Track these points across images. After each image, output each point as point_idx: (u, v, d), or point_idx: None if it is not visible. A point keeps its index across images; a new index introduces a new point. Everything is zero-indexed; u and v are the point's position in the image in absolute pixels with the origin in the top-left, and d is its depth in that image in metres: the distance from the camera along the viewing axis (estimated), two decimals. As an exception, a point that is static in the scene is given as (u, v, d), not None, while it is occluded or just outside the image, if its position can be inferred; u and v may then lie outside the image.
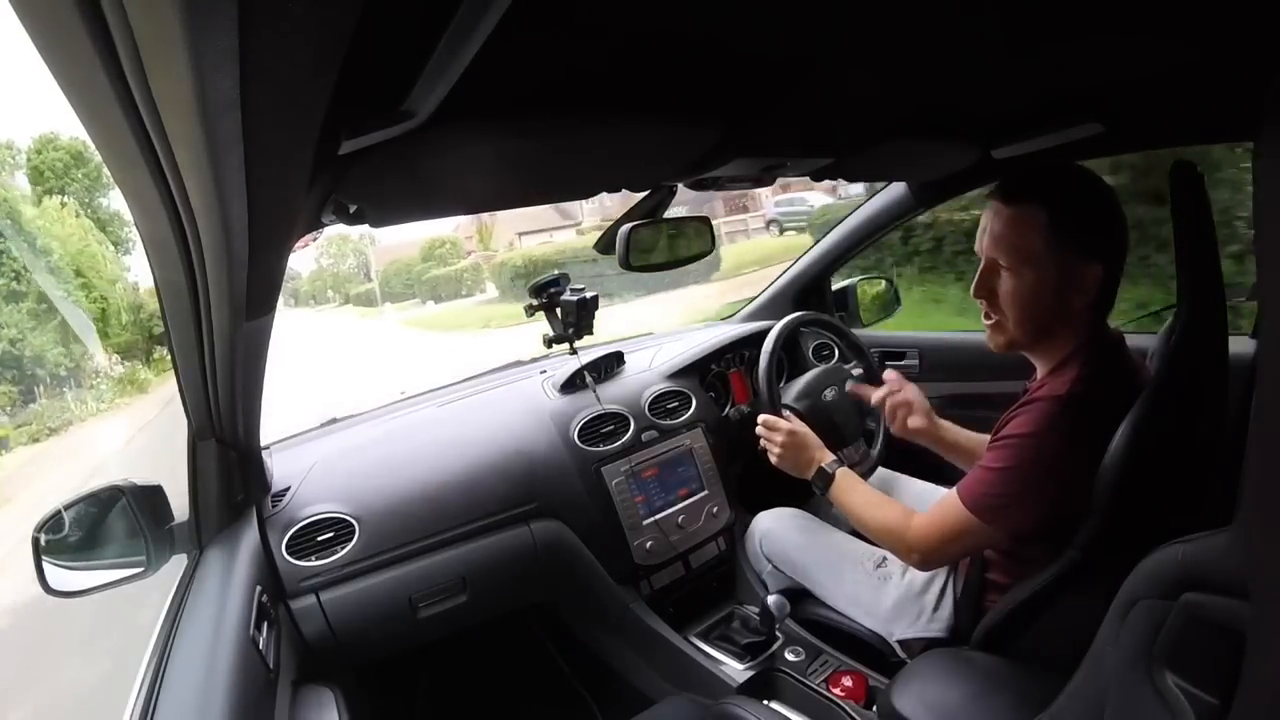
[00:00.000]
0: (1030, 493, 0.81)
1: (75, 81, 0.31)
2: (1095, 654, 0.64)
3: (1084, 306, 0.84)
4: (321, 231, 0.74)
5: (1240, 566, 0.46)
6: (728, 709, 0.96)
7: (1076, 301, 0.83)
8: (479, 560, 1.17)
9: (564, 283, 1.27)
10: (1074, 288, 0.83)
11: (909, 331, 1.78)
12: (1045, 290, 0.84)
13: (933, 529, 0.91)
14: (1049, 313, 0.85)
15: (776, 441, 1.16)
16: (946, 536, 0.90)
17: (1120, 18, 0.60)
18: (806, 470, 1.12)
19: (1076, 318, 0.85)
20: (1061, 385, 0.82)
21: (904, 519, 0.95)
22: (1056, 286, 0.83)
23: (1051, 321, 0.86)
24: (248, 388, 0.80)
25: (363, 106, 0.47)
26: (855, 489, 1.05)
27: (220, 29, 0.25)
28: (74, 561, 0.81)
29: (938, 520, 0.91)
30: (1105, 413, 0.79)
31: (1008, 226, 0.85)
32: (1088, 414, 0.79)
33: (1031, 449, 0.81)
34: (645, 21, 0.50)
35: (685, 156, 0.80)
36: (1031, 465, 0.81)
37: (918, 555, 0.93)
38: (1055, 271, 0.83)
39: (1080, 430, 0.79)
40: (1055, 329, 0.87)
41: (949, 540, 0.90)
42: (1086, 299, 0.83)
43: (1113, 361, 0.86)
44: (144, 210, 0.44)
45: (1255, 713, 0.43)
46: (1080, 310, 0.85)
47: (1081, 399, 0.80)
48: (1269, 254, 0.41)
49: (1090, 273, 0.82)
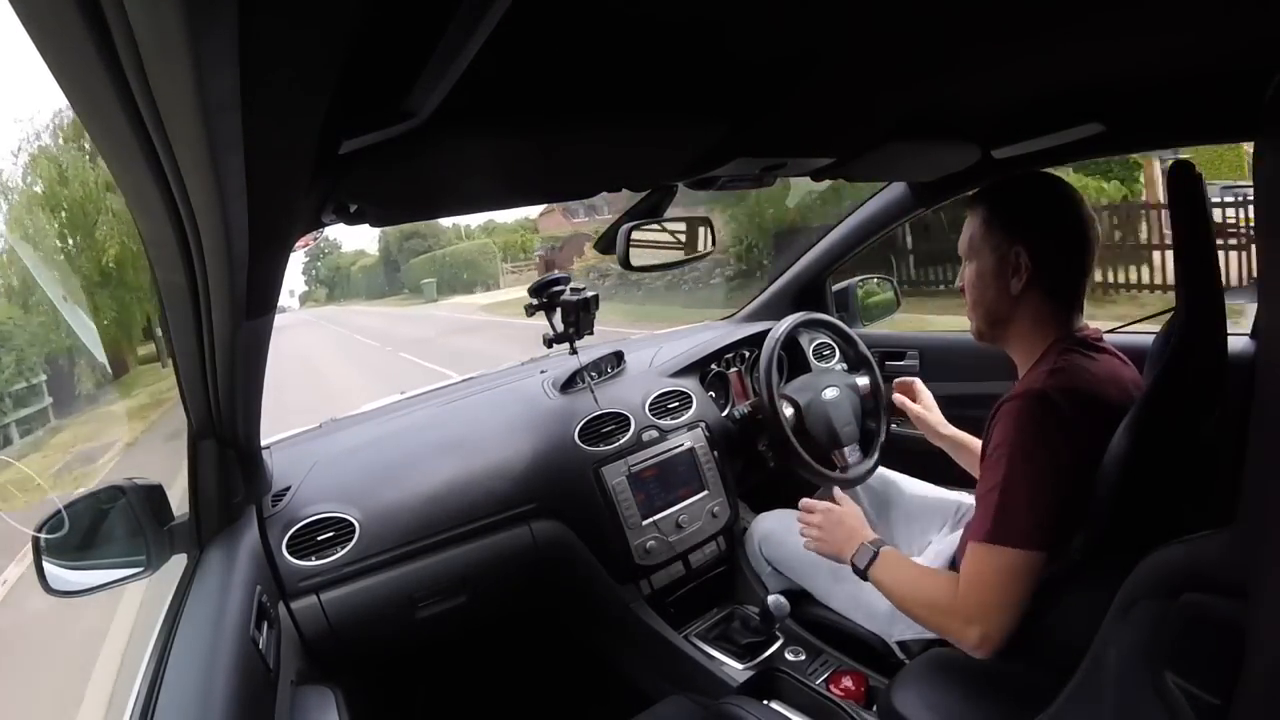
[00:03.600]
0: (1037, 494, 0.79)
1: (75, 81, 0.31)
2: (1095, 654, 0.64)
3: (1025, 290, 0.88)
4: (322, 231, 0.75)
5: (1240, 566, 0.46)
6: (728, 709, 0.96)
7: (1014, 284, 0.89)
8: (479, 560, 1.17)
9: (565, 283, 1.28)
10: (1009, 269, 0.89)
11: (909, 331, 1.78)
12: (986, 274, 0.91)
13: (975, 587, 0.81)
14: (995, 297, 0.91)
15: (815, 522, 1.04)
16: (991, 585, 0.80)
17: (1120, 18, 0.60)
18: (847, 547, 0.99)
19: (1025, 304, 0.89)
20: (1028, 383, 0.84)
21: (951, 588, 0.84)
22: (994, 270, 0.90)
23: (1000, 307, 0.92)
24: (248, 387, 0.80)
25: (363, 106, 0.47)
26: (900, 565, 0.94)
27: (220, 29, 0.25)
28: (74, 561, 0.81)
29: (974, 576, 0.82)
30: (1070, 406, 0.79)
31: (965, 225, 0.95)
32: (1054, 408, 0.79)
33: (1016, 453, 0.80)
34: (645, 20, 0.50)
35: (686, 156, 0.80)
36: (1023, 468, 0.79)
37: (978, 628, 0.79)
38: (991, 255, 0.91)
39: (1050, 424, 0.79)
40: (1007, 318, 0.92)
41: (990, 589, 0.79)
42: (1021, 281, 0.88)
43: (1085, 358, 0.86)
44: (144, 210, 0.44)
45: (1255, 712, 0.43)
46: (1024, 295, 0.89)
47: (1046, 395, 0.80)
48: (1268, 253, 0.41)
49: (1016, 252, 0.88)
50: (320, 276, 47.21)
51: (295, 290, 53.32)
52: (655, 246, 1.06)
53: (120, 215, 10.10)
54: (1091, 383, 0.83)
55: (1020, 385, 0.87)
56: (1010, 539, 0.79)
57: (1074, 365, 0.84)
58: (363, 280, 37.62)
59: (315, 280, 48.88)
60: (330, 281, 45.37)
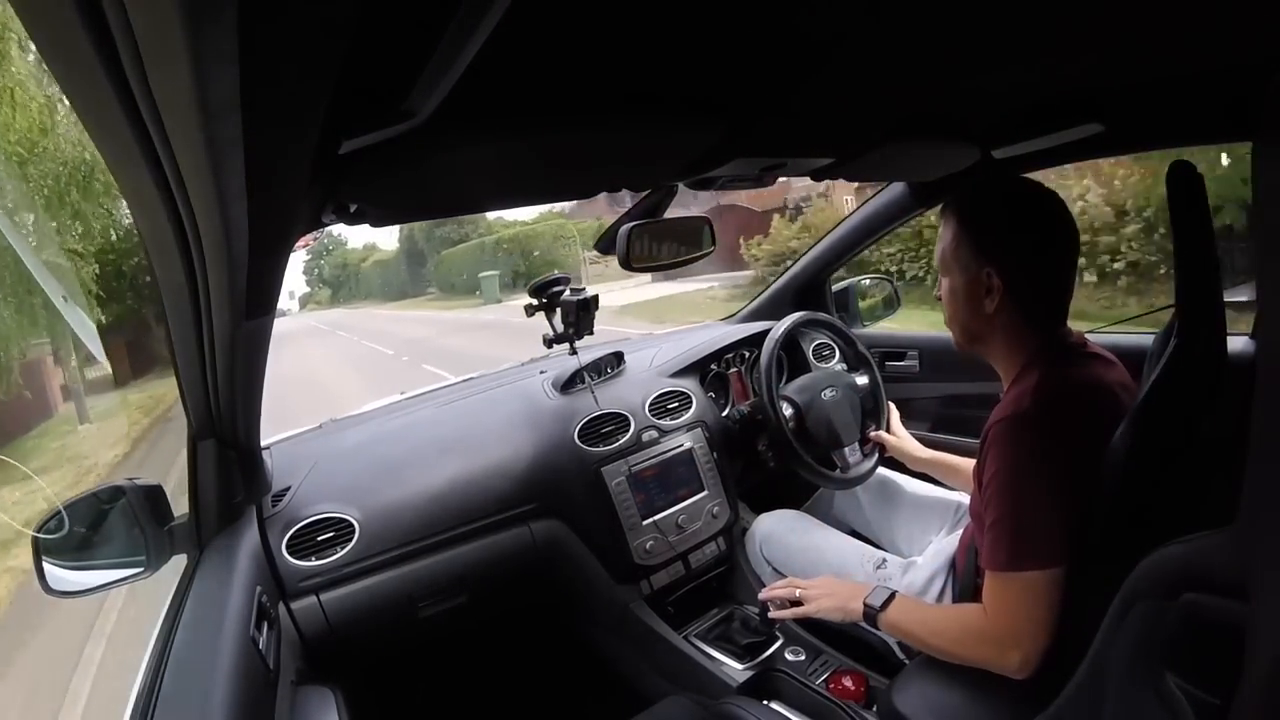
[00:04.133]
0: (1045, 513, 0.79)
1: (75, 81, 0.31)
2: (1095, 654, 0.64)
3: (999, 310, 0.85)
4: (322, 231, 0.75)
5: (1240, 566, 0.46)
6: (728, 709, 0.96)
7: (988, 305, 0.86)
8: (479, 560, 1.17)
9: (565, 283, 1.28)
10: (981, 289, 0.86)
11: (909, 331, 1.78)
12: (959, 292, 0.89)
13: (1005, 615, 0.80)
14: (970, 315, 0.89)
15: (812, 596, 1.03)
16: (1020, 609, 0.78)
17: (1120, 18, 0.60)
18: (854, 601, 0.96)
19: (1001, 324, 0.87)
20: (1009, 403, 0.83)
21: (978, 616, 0.82)
22: (966, 289, 0.88)
23: (975, 325, 0.89)
24: (248, 387, 0.80)
25: (363, 106, 0.47)
26: (917, 605, 0.94)
27: (220, 29, 0.25)
28: (74, 561, 0.81)
29: (1000, 604, 0.80)
30: (1056, 422, 0.79)
31: (939, 234, 0.91)
32: (1043, 428, 0.79)
33: (1017, 479, 0.79)
34: (645, 20, 0.50)
35: (686, 156, 0.80)
36: (1027, 493, 0.79)
37: (1017, 653, 0.77)
38: (961, 274, 0.88)
39: (1042, 445, 0.78)
40: (983, 334, 0.90)
41: (1026, 611, 0.78)
42: (993, 302, 0.85)
43: (1068, 369, 0.84)
44: (144, 210, 0.44)
45: (1255, 712, 0.43)
46: (999, 315, 0.86)
47: (1032, 416, 0.79)
48: (1267, 253, 0.41)
49: (988, 274, 0.85)
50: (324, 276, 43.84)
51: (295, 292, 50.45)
52: (655, 247, 1.06)
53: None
54: (1078, 392, 0.82)
55: (1006, 404, 0.85)
56: (1028, 563, 0.78)
57: (1056, 378, 0.82)
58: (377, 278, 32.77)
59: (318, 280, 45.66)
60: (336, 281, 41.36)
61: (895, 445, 1.38)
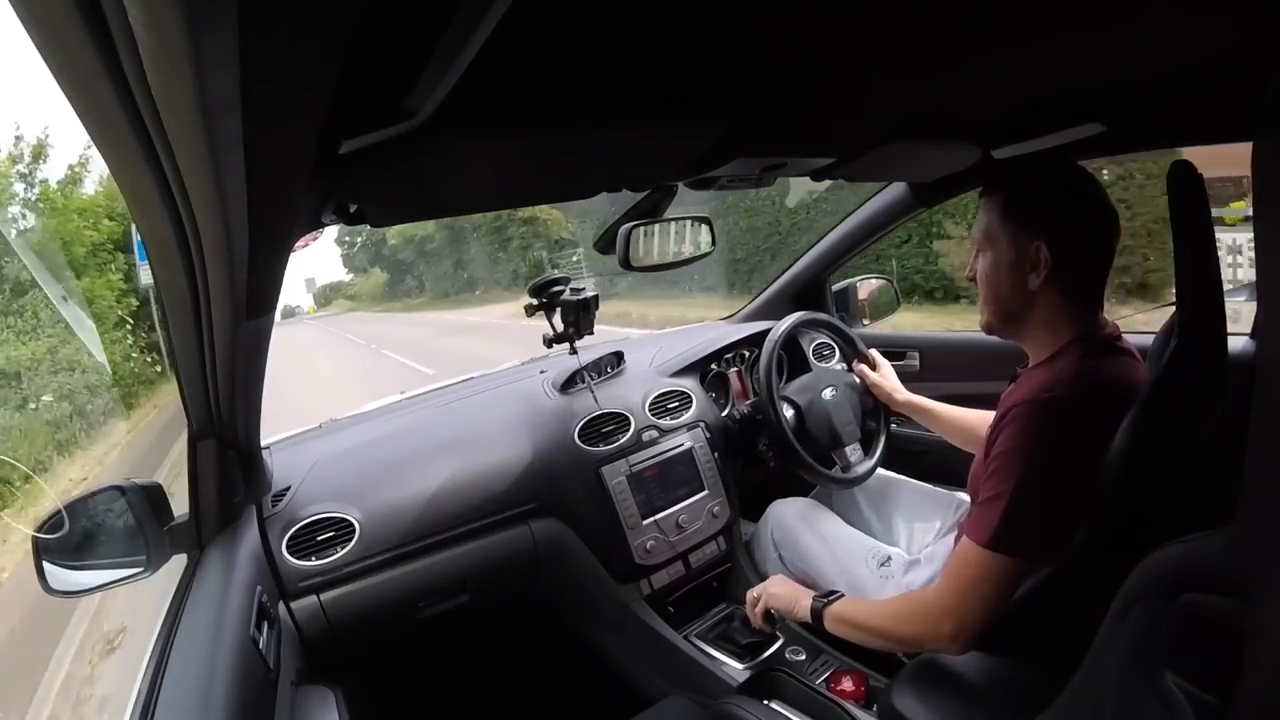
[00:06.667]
0: (1050, 504, 0.79)
1: (75, 81, 0.31)
2: (1095, 654, 0.64)
3: (1043, 287, 0.86)
4: (322, 231, 0.75)
5: (1240, 566, 0.46)
6: (728, 709, 0.96)
7: (1032, 280, 0.86)
8: (479, 560, 1.17)
9: (565, 283, 1.28)
10: (1027, 264, 0.86)
11: (909, 331, 1.78)
12: (1002, 266, 0.88)
13: (953, 587, 0.82)
14: (1010, 291, 0.89)
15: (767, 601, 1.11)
16: (969, 587, 0.80)
17: (1120, 18, 0.60)
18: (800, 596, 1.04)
19: (1042, 301, 0.87)
20: (1042, 385, 0.83)
21: (917, 597, 0.86)
22: (1012, 262, 0.87)
23: (1015, 301, 0.89)
24: (248, 387, 0.81)
25: (363, 106, 0.47)
26: (856, 604, 0.99)
27: (220, 29, 0.25)
28: (74, 561, 0.81)
29: (956, 574, 0.82)
30: (1088, 415, 0.78)
31: (981, 212, 0.92)
32: (1067, 417, 0.78)
33: (1032, 461, 0.79)
34: (645, 20, 0.50)
35: (686, 156, 0.80)
36: (1039, 478, 0.78)
37: (950, 625, 0.80)
38: (1009, 247, 0.87)
39: (1068, 434, 0.78)
40: (1021, 311, 0.89)
41: (975, 589, 0.80)
42: (1039, 277, 0.85)
43: (1102, 361, 0.85)
44: (144, 210, 0.44)
45: (1255, 712, 0.43)
46: (1042, 292, 0.86)
47: (1067, 403, 0.79)
48: (1267, 254, 0.41)
49: (1036, 247, 0.85)
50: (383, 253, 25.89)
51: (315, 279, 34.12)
52: (655, 247, 1.06)
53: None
54: (1111, 389, 0.81)
55: (1035, 386, 0.84)
56: (1013, 549, 0.78)
57: (1091, 371, 0.82)
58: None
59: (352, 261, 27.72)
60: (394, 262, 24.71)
61: (875, 381, 1.41)
